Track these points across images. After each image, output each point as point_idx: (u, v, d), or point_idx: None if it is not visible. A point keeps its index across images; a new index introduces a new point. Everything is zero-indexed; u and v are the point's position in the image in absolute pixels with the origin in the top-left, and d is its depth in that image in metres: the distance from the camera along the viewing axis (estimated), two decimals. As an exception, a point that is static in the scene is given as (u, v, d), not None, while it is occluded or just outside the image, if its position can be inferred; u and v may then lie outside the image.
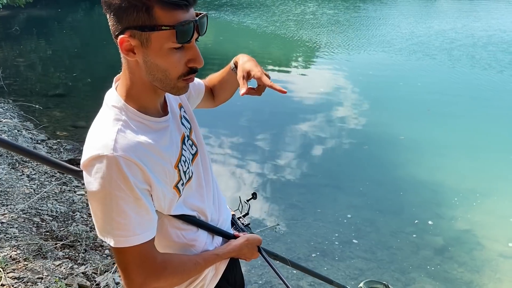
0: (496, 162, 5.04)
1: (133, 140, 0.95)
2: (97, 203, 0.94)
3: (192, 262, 1.11)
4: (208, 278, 1.21)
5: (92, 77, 8.92)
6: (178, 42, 0.91)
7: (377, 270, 3.37)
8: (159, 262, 1.01)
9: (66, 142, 5.11)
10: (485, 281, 3.32)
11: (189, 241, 1.14)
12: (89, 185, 0.93)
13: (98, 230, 0.97)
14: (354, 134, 5.83)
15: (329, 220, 3.91)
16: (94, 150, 0.92)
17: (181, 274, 1.08)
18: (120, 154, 0.91)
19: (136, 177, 0.93)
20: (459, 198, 4.29)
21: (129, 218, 0.93)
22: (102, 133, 0.95)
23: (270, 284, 3.12)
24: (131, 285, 0.98)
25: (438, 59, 9.55)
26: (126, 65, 0.99)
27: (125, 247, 0.95)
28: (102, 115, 1.00)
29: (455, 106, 6.86)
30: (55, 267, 2.78)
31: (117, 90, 1.02)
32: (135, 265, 0.97)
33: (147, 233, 0.97)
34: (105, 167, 0.90)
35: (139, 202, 0.94)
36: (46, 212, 3.45)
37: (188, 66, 0.96)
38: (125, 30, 0.90)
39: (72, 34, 14.07)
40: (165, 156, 1.01)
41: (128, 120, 0.98)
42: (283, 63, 10.01)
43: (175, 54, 0.93)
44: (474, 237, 3.78)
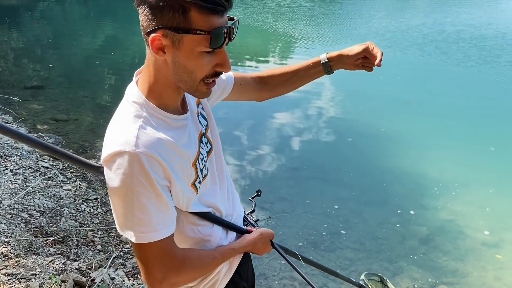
0: (475, 153, 5.21)
1: (154, 137, 0.95)
2: (118, 199, 0.94)
3: (210, 256, 1.13)
4: (223, 272, 1.22)
5: (68, 68, 8.72)
6: (211, 47, 0.91)
7: (366, 260, 3.45)
8: (179, 257, 1.02)
9: (48, 136, 4.99)
10: (470, 269, 3.45)
11: (204, 236, 1.15)
12: (111, 181, 0.93)
13: (118, 226, 0.98)
14: (337, 127, 5.91)
15: (318, 212, 3.97)
16: (116, 146, 0.92)
17: (200, 268, 1.10)
18: (142, 150, 0.91)
19: (157, 174, 0.94)
20: (441, 189, 4.43)
21: (150, 214, 0.94)
22: (124, 129, 0.95)
23: (262, 260, 3.17)
24: (152, 280, 0.99)
25: (413, 53, 9.73)
26: (152, 62, 0.98)
27: (146, 242, 0.95)
28: (123, 111, 1.00)
29: (433, 99, 7.02)
30: (48, 263, 2.74)
31: (138, 85, 1.02)
32: (155, 260, 0.98)
33: (168, 229, 0.98)
34: (127, 163, 0.91)
35: (160, 198, 0.95)
36: (34, 207, 3.37)
37: (215, 69, 0.96)
38: (158, 29, 0.89)
39: (44, 24, 13.66)
40: (184, 154, 1.02)
41: (149, 116, 0.98)
42: (260, 56, 10.01)
43: (204, 57, 0.93)
44: (457, 227, 3.91)
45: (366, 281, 2.29)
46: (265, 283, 3.06)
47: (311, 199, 4.19)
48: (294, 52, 10.32)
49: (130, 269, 2.88)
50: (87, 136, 5.20)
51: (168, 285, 1.02)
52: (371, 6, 16.92)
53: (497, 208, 4.18)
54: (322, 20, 14.26)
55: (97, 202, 3.77)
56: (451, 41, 10.79)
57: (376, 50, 1.28)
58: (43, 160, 4.27)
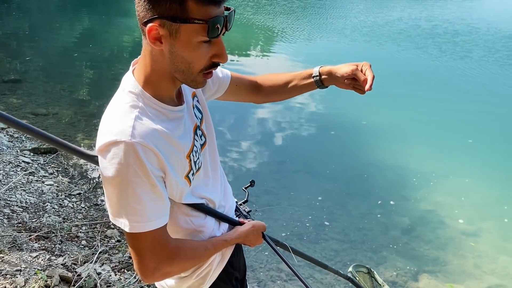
0: (453, 145, 5.34)
1: (151, 128, 0.95)
2: (113, 188, 0.94)
3: (202, 247, 1.13)
4: (215, 263, 1.24)
5: (46, 61, 8.51)
6: (209, 36, 0.90)
7: (350, 251, 3.51)
8: (171, 247, 1.02)
9: (27, 130, 4.88)
10: (450, 257, 3.55)
11: (197, 227, 1.16)
12: (105, 170, 0.93)
13: (111, 215, 0.97)
14: (320, 121, 5.96)
15: (302, 204, 4.01)
16: (111, 135, 0.92)
17: (192, 259, 1.11)
18: (138, 140, 0.91)
19: (153, 164, 0.94)
20: (421, 180, 4.53)
21: (144, 204, 0.94)
22: (119, 119, 0.94)
23: (249, 253, 3.20)
24: (144, 270, 0.99)
25: (389, 47, 9.86)
26: (149, 53, 0.97)
27: (139, 232, 0.96)
28: (118, 100, 0.99)
29: (411, 93, 7.15)
30: (33, 259, 2.70)
31: (135, 74, 1.01)
32: (148, 250, 0.98)
33: (161, 219, 0.98)
34: (122, 153, 0.90)
35: (155, 189, 0.95)
36: (16, 203, 3.31)
37: (212, 60, 0.96)
38: (156, 19, 0.89)
39: (21, 16, 13.30)
40: (179, 146, 1.02)
41: (145, 107, 0.97)
42: (242, 50, 9.99)
43: (202, 48, 0.93)
44: (437, 217, 4.01)
45: (354, 273, 2.32)
46: (253, 275, 3.08)
47: (296, 192, 4.23)
48: (274, 46, 10.33)
49: (117, 264, 2.86)
50: (67, 130, 5.12)
51: (161, 275, 1.03)
52: (349, 0, 17.02)
53: (475, 198, 4.31)
54: (301, 14, 14.31)
55: (80, 197, 3.72)
56: (426, 35, 10.97)
57: (368, 73, 1.21)
58: (24, 155, 4.19)
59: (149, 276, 1.01)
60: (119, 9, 14.76)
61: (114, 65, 8.52)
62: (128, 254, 2.99)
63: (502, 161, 5.02)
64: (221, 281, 1.26)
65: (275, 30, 11.62)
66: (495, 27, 11.83)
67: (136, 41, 10.32)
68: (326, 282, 3.12)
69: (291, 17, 13.52)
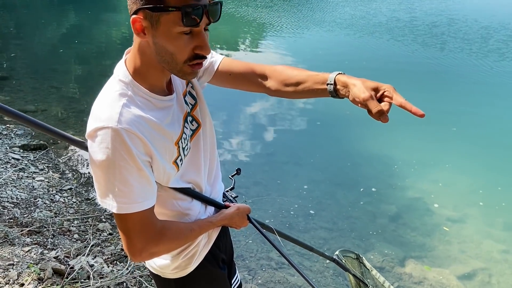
0: (438, 134, 5.43)
1: (137, 115, 0.99)
2: (101, 172, 0.98)
3: (188, 228, 1.18)
4: (201, 245, 1.29)
5: (33, 58, 8.47)
6: (185, 25, 0.93)
7: (339, 239, 3.59)
8: (158, 228, 1.07)
9: (16, 128, 4.88)
10: (436, 243, 3.64)
11: (184, 210, 1.21)
12: (94, 154, 0.97)
13: (99, 196, 1.01)
14: (305, 112, 6.02)
15: (292, 195, 4.07)
16: (99, 121, 0.96)
17: (178, 240, 1.16)
18: (124, 126, 0.95)
19: (139, 149, 0.98)
20: (408, 168, 4.62)
21: (131, 186, 0.98)
22: (108, 105, 0.98)
23: (239, 243, 3.26)
24: (132, 249, 1.04)
25: (379, 37, 9.94)
26: (137, 44, 1.02)
27: (127, 213, 1.00)
28: (109, 88, 1.03)
29: (398, 81, 7.24)
30: (25, 253, 2.73)
31: (126, 64, 1.05)
32: (136, 231, 1.03)
33: (148, 201, 1.02)
34: (109, 138, 0.94)
35: (141, 173, 0.99)
36: (6, 199, 3.33)
37: (195, 52, 0.99)
38: (139, 11, 0.93)
39: (6, 12, 13.14)
40: (167, 134, 1.06)
41: (134, 95, 1.01)
42: (231, 44, 10.00)
43: (182, 39, 0.96)
44: (424, 204, 4.10)
45: (341, 257, 2.38)
46: (243, 264, 3.14)
47: (285, 183, 4.29)
48: (265, 40, 10.35)
49: (109, 256, 2.90)
50: (57, 126, 4.90)
51: (148, 254, 1.07)
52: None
53: (461, 185, 4.41)
54: (292, 6, 14.32)
55: (71, 192, 3.75)
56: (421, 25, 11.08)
57: (399, 99, 1.07)
58: (13, 152, 4.19)
59: (137, 255, 1.05)
60: (107, 4, 14.64)
61: (102, 61, 8.50)
62: (120, 247, 3.03)
63: (486, 148, 5.13)
64: (207, 262, 1.31)
65: (263, 23, 11.63)
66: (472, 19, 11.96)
67: (124, 36, 10.28)
68: (315, 269, 3.20)
69: (280, 10, 13.53)
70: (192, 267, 1.27)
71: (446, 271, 3.31)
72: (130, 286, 2.63)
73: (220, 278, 1.37)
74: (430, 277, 3.24)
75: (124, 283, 2.64)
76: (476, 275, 3.32)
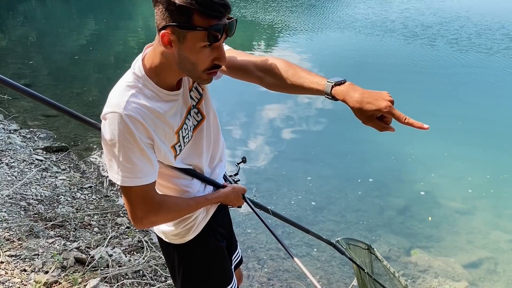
0: (444, 127, 5.48)
1: (142, 104, 1.16)
2: (109, 149, 1.16)
3: (184, 203, 1.37)
4: (199, 218, 1.46)
5: (54, 65, 8.81)
6: (209, 41, 1.08)
7: (346, 230, 3.70)
8: (157, 201, 1.26)
9: (39, 131, 5.14)
10: (443, 234, 3.72)
11: (184, 187, 1.39)
12: (104, 134, 1.15)
13: (108, 170, 1.20)
14: (315, 109, 6.15)
15: (301, 190, 4.20)
16: (110, 106, 1.14)
17: (175, 212, 1.35)
18: (128, 113, 1.12)
19: (141, 133, 1.15)
20: (418, 163, 4.70)
21: (133, 163, 1.16)
22: (119, 94, 1.16)
23: (250, 234, 3.40)
24: (135, 217, 1.24)
25: (392, 37, 9.99)
26: (160, 51, 1.15)
27: (130, 186, 1.18)
28: (124, 79, 1.20)
29: (408, 79, 7.30)
30: (49, 244, 2.93)
31: (144, 60, 1.21)
32: (137, 202, 1.22)
33: (149, 178, 1.20)
34: (116, 122, 1.12)
35: (143, 153, 1.17)
36: (31, 196, 3.55)
37: (214, 62, 1.15)
38: (168, 26, 1.07)
39: (27, 23, 13.63)
40: (169, 123, 1.23)
41: (144, 88, 1.18)
42: (246, 47, 10.17)
43: (204, 51, 1.11)
44: (432, 197, 4.18)
45: (342, 243, 2.47)
46: (253, 254, 3.29)
47: (296, 179, 4.42)
48: (279, 42, 10.51)
49: (126, 247, 3.08)
50: (77, 129, 5.35)
51: (148, 222, 1.27)
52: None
53: (469, 178, 4.46)
54: (305, 9, 14.44)
55: (91, 190, 3.96)
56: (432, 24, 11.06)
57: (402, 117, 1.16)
58: (37, 154, 4.44)
59: (139, 223, 1.25)
60: (122, 13, 15.02)
61: (121, 67, 8.76)
62: (137, 239, 3.21)
63: (494, 140, 5.17)
64: (205, 234, 1.48)
65: (279, 26, 11.78)
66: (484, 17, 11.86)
67: (141, 42, 10.56)
68: (323, 259, 3.32)
69: (295, 13, 13.66)
70: (190, 236, 1.45)
71: (452, 259, 3.39)
72: (146, 274, 2.80)
73: (217, 249, 1.54)
74: (435, 265, 3.32)
75: (141, 271, 2.82)
76: (481, 264, 3.39)
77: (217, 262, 1.56)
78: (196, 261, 1.50)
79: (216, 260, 1.55)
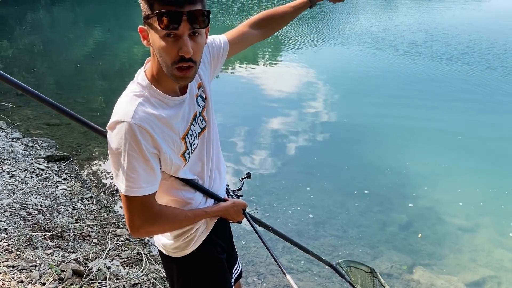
0: (445, 143, 5.48)
1: (149, 112, 1.16)
2: (115, 158, 1.16)
3: (183, 214, 1.35)
4: (200, 231, 1.45)
5: (58, 74, 8.87)
6: (162, 27, 1.06)
7: (348, 246, 3.66)
8: (156, 211, 1.25)
9: (41, 140, 5.14)
10: (446, 251, 3.67)
11: (186, 199, 1.38)
12: (111, 143, 1.15)
13: (114, 179, 1.20)
14: (319, 125, 6.13)
15: (303, 204, 4.17)
16: (118, 116, 1.14)
17: (172, 223, 1.33)
18: (136, 122, 1.13)
19: (147, 142, 1.15)
20: (420, 178, 4.66)
21: (137, 173, 1.15)
22: (126, 103, 1.17)
23: (250, 248, 3.37)
24: (132, 225, 1.23)
25: (396, 52, 10.01)
26: (152, 52, 1.20)
27: (131, 195, 1.18)
28: (129, 89, 1.22)
29: (411, 96, 7.30)
30: (47, 255, 2.90)
31: (146, 70, 1.24)
32: (137, 211, 1.21)
33: (151, 187, 1.20)
34: (123, 131, 1.12)
35: (147, 163, 1.17)
36: (31, 206, 3.54)
37: (180, 54, 1.11)
38: (143, 22, 1.13)
39: (33, 31, 13.75)
40: (175, 129, 1.23)
41: (150, 96, 1.19)
42: (250, 59, 10.21)
43: (167, 41, 1.10)
44: (435, 214, 4.13)
45: (343, 265, 2.42)
46: (253, 269, 3.25)
47: (297, 192, 4.39)
48: (283, 55, 10.55)
49: (125, 260, 3.05)
50: (80, 139, 5.36)
51: (144, 232, 1.26)
52: (353, 7, 17.14)
53: (472, 195, 4.42)
54: (309, 22, 14.51)
55: (91, 200, 3.94)
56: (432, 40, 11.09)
57: None
58: (38, 163, 4.43)
59: (135, 231, 1.24)
60: (128, 23, 15.13)
61: (125, 77, 8.80)
62: (136, 251, 3.18)
63: (498, 158, 5.13)
64: (206, 247, 1.47)
65: (283, 38, 11.83)
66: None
67: (144, 52, 10.62)
68: (323, 275, 3.27)
69: (299, 25, 13.72)
70: (190, 249, 1.44)
71: (455, 278, 3.34)
72: (145, 287, 2.77)
73: (217, 262, 1.52)
74: (438, 284, 3.27)
75: (139, 285, 2.78)
76: (485, 283, 3.33)
77: (216, 275, 1.54)
78: (196, 273, 1.49)
79: (215, 273, 1.54)
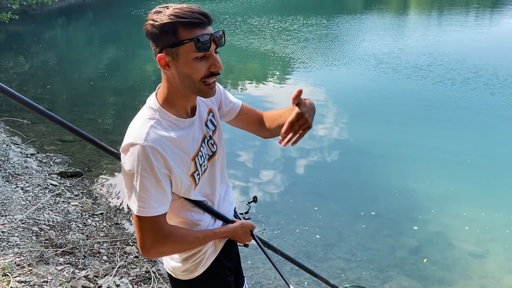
0: (459, 168, 5.45)
1: (161, 135, 1.22)
2: (128, 179, 1.21)
3: (193, 235, 1.39)
4: (208, 252, 1.48)
5: (72, 92, 9.03)
6: (198, 50, 1.16)
7: (357, 269, 3.64)
8: (166, 231, 1.28)
9: (55, 156, 5.23)
10: (456, 277, 3.63)
11: (195, 221, 1.42)
12: (124, 164, 1.20)
13: (127, 199, 1.25)
14: (330, 145, 6.15)
15: (311, 225, 4.17)
16: (131, 138, 1.20)
17: (182, 243, 1.37)
18: (149, 144, 1.18)
19: (159, 163, 1.20)
20: (431, 203, 4.63)
21: (149, 193, 1.20)
22: (139, 126, 1.22)
23: (258, 269, 3.37)
24: (143, 246, 1.27)
25: (401, 74, 10.04)
26: (164, 77, 1.26)
27: (143, 215, 1.22)
28: (141, 113, 1.28)
29: (421, 118, 7.30)
30: (58, 271, 2.94)
31: (157, 95, 1.30)
32: (148, 231, 1.25)
33: (162, 208, 1.24)
34: (136, 152, 1.18)
35: (159, 183, 1.21)
36: (44, 222, 3.59)
37: (210, 71, 1.21)
38: (162, 50, 1.18)
39: (50, 49, 14.07)
40: (185, 150, 1.29)
41: (161, 119, 1.25)
42: (259, 79, 10.33)
43: (198, 62, 1.19)
44: (445, 238, 4.10)
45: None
46: (261, 290, 3.25)
47: (306, 213, 4.39)
48: (290, 75, 10.65)
49: (134, 277, 3.08)
50: (92, 155, 5.44)
51: (155, 252, 1.29)
52: (358, 30, 17.25)
53: (483, 221, 4.38)
54: (316, 43, 14.66)
55: (102, 217, 3.99)
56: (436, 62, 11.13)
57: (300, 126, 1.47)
58: (52, 179, 4.50)
59: (146, 252, 1.28)
60: (141, 41, 15.42)
61: (138, 95, 8.95)
62: (144, 269, 3.21)
63: (509, 183, 5.10)
64: (214, 269, 1.50)
65: (291, 59, 11.96)
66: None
67: (157, 70, 10.80)
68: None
69: (307, 46, 13.87)
70: (199, 271, 1.46)
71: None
72: (153, 306, 2.78)
73: (225, 284, 1.54)
74: (448, 310, 3.24)
75: (147, 303, 2.80)
76: (495, 311, 3.29)
77: None
78: None
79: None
